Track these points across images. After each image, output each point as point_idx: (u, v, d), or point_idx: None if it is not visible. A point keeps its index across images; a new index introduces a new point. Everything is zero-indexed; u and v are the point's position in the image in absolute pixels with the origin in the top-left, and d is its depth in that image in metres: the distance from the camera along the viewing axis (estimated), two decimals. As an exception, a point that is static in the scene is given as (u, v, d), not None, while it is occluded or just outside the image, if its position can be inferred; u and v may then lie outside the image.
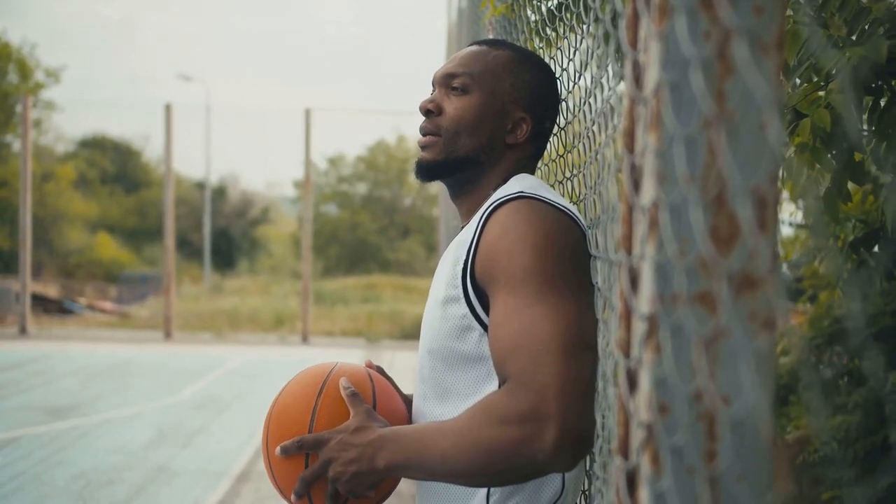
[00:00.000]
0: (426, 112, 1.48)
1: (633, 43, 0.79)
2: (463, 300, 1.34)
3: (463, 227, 1.46)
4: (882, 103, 1.80)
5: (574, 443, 1.17)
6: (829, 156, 1.73)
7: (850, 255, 2.43)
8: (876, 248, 2.42)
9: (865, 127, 1.85)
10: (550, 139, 1.64)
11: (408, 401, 1.55)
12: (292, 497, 1.37)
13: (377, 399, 1.44)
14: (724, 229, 0.66)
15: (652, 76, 0.72)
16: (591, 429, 1.18)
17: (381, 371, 1.57)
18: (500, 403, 1.20)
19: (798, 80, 1.86)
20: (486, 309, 1.32)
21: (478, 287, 1.33)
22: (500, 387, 1.26)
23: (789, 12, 1.78)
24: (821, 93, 1.74)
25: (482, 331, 1.33)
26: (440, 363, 1.39)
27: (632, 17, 0.79)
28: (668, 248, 0.69)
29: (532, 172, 1.52)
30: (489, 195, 1.44)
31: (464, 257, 1.35)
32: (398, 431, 1.31)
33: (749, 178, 0.65)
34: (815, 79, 1.79)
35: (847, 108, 1.63)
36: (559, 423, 1.15)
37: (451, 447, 1.23)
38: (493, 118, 1.45)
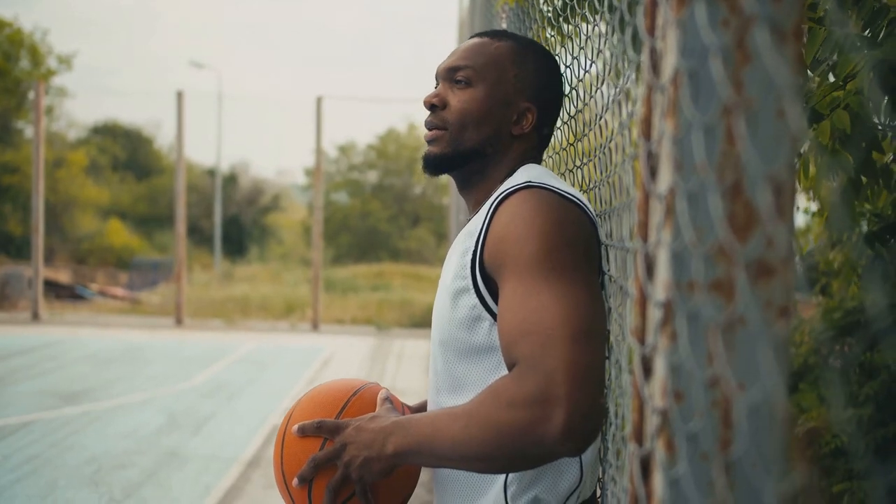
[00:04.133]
0: (431, 107, 1.48)
1: (651, 30, 0.78)
2: (472, 291, 1.34)
3: (470, 219, 1.47)
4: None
5: (583, 426, 1.17)
6: (847, 156, 1.72)
7: (866, 249, 2.43)
8: (891, 242, 2.42)
9: (885, 121, 1.84)
10: (560, 128, 1.64)
11: None
12: (294, 481, 1.37)
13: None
14: (742, 216, 0.66)
15: (670, 63, 0.72)
16: (600, 413, 1.18)
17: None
18: (509, 387, 1.20)
19: (816, 80, 1.85)
20: (496, 298, 1.32)
21: (487, 276, 1.33)
22: (508, 371, 1.26)
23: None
24: (838, 93, 1.73)
25: (492, 321, 1.33)
26: (452, 355, 1.39)
27: (650, 4, 0.79)
28: (685, 235, 0.69)
29: (539, 162, 1.52)
30: (497, 186, 1.45)
31: (472, 248, 1.35)
32: (411, 418, 1.32)
33: (767, 166, 0.65)
34: (833, 79, 1.78)
35: (866, 108, 1.62)
36: (568, 407, 1.15)
37: (461, 430, 1.23)
38: (498, 109, 1.45)
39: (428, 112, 1.49)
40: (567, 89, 1.63)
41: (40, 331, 12.09)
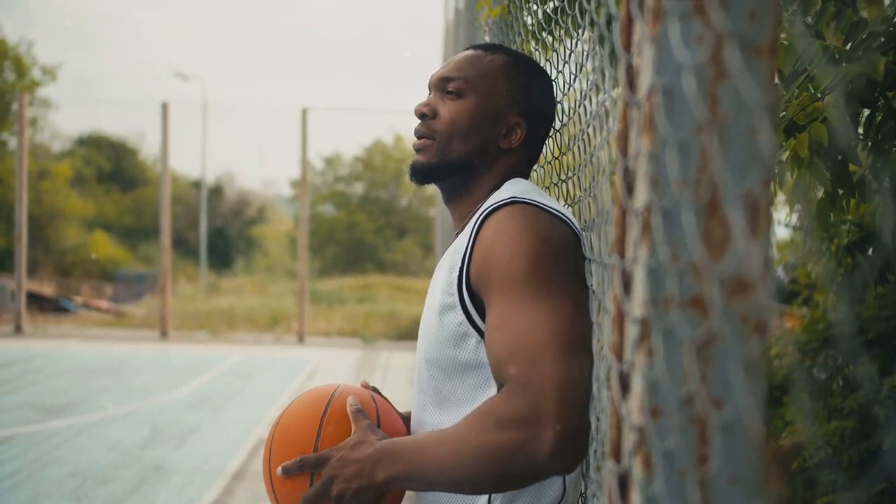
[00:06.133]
0: (421, 115, 1.48)
1: (627, 46, 0.79)
2: (459, 308, 1.34)
3: (457, 234, 1.46)
4: (878, 116, 1.80)
5: (572, 444, 1.16)
6: (823, 169, 1.74)
7: (845, 258, 2.44)
8: (870, 252, 2.43)
9: (861, 135, 1.86)
10: (546, 142, 1.65)
11: (405, 419, 1.55)
12: None
13: (380, 418, 1.44)
14: (717, 233, 0.66)
15: (645, 80, 0.72)
16: (588, 430, 1.18)
17: (377, 391, 1.57)
18: (498, 407, 1.20)
19: (795, 91, 1.86)
20: (483, 316, 1.32)
21: (473, 294, 1.33)
22: (498, 391, 1.25)
23: (785, 24, 1.78)
24: (818, 104, 1.74)
25: (479, 338, 1.32)
26: (438, 371, 1.38)
27: (625, 20, 0.79)
28: (661, 251, 0.69)
29: (526, 177, 1.52)
30: (482, 199, 1.45)
31: (459, 265, 1.35)
32: (396, 443, 1.30)
33: (741, 183, 0.65)
34: (812, 91, 1.79)
35: (842, 122, 1.64)
36: (557, 425, 1.15)
37: (450, 454, 1.22)
38: (488, 123, 1.45)
39: (418, 121, 1.49)
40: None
41: (23, 344, 11.99)
